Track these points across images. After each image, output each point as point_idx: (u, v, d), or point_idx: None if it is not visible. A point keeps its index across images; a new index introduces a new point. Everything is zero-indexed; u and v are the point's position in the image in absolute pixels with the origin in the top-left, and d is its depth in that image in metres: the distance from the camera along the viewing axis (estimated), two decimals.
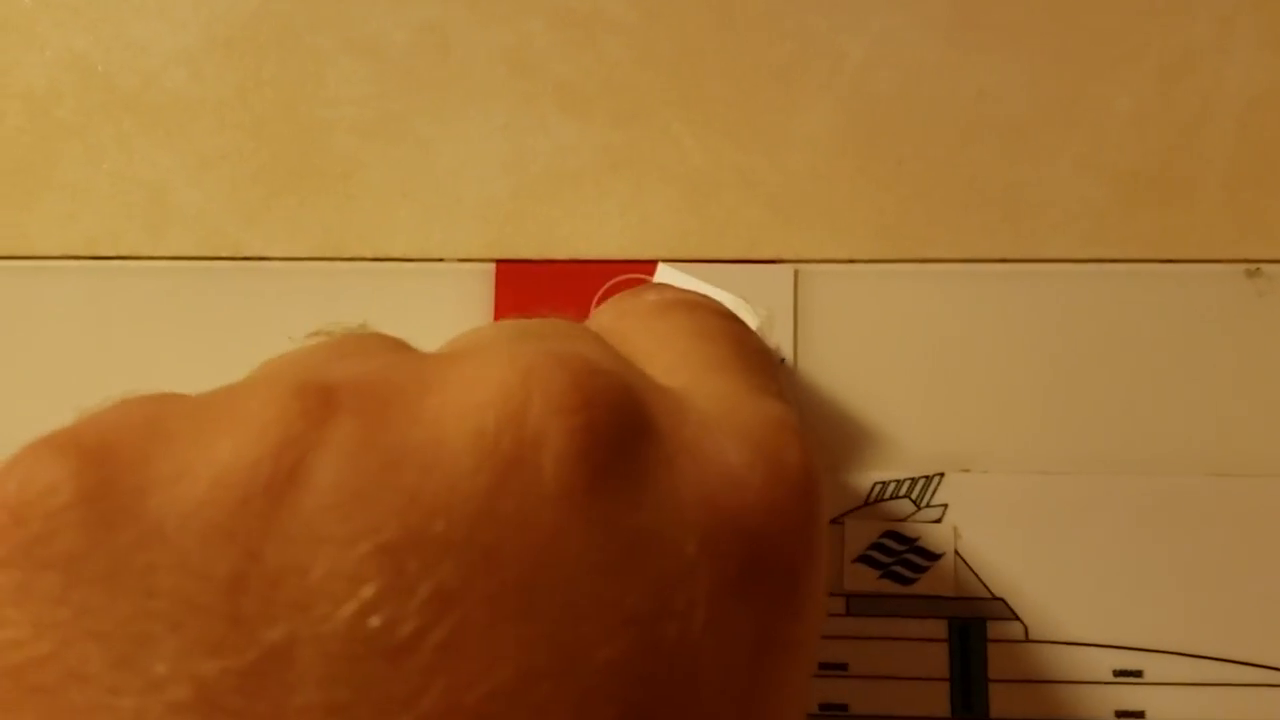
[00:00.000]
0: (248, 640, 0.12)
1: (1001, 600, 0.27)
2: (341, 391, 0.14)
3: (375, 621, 0.12)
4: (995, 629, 0.27)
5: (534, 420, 0.13)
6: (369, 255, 0.29)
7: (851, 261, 0.29)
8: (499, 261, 0.29)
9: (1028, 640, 0.27)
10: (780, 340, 0.28)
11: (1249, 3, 0.29)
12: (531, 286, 0.29)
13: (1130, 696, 0.26)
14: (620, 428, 0.14)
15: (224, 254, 0.30)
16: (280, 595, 0.12)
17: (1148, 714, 0.26)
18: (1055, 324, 0.28)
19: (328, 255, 0.29)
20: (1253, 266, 0.28)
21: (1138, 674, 0.26)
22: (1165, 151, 0.29)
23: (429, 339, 0.29)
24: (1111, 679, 0.26)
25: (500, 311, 0.29)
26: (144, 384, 0.29)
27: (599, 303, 0.29)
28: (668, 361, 0.17)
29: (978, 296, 0.28)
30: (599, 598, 0.13)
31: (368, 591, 0.12)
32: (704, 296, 0.21)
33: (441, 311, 0.29)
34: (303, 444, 0.13)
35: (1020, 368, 0.28)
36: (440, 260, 0.29)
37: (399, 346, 0.16)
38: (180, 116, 0.30)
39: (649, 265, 0.29)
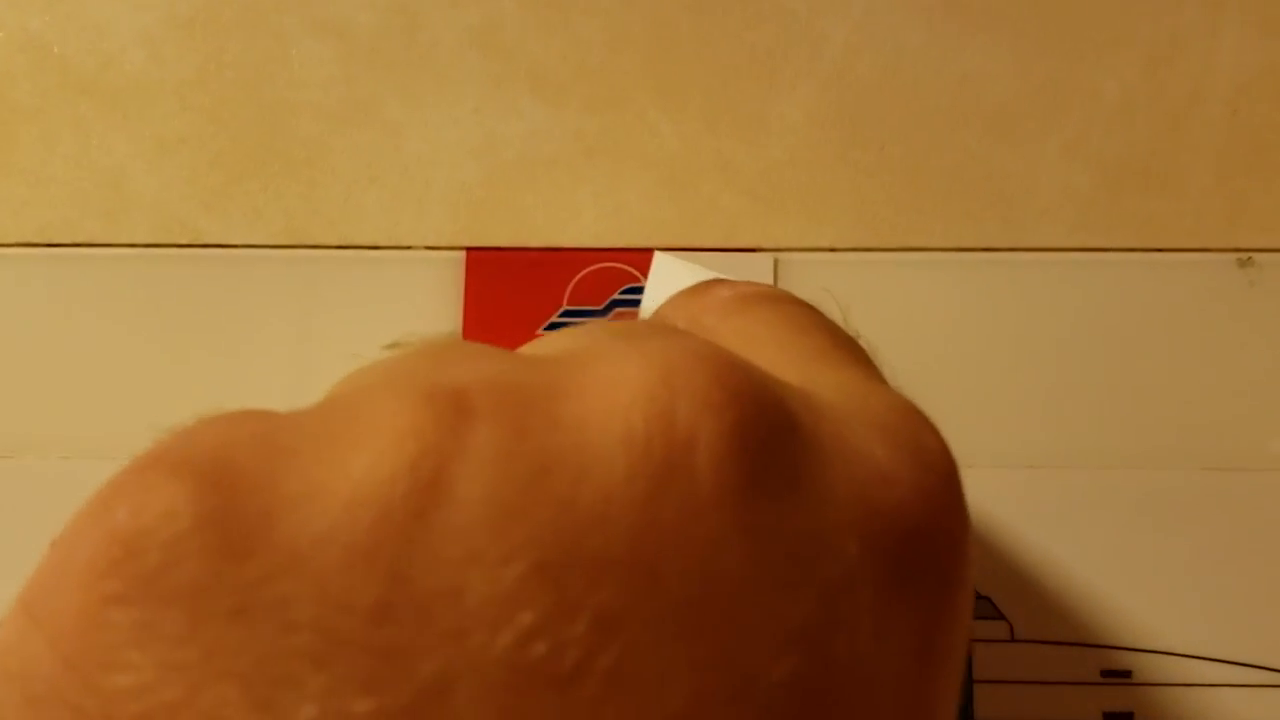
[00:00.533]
0: (401, 675, 0.11)
1: (987, 599, 0.26)
2: (474, 396, 0.13)
3: (538, 649, 0.11)
4: (980, 628, 0.26)
5: (683, 420, 0.12)
6: (334, 243, 0.28)
7: (833, 250, 0.28)
8: (469, 249, 0.28)
9: (1013, 640, 0.26)
10: None
11: None
12: (503, 275, 0.28)
13: (1118, 697, 0.25)
14: (771, 424, 0.13)
15: (183, 241, 0.29)
16: (433, 623, 0.11)
17: (1135, 715, 0.25)
18: (1042, 314, 0.27)
19: (291, 243, 0.28)
20: (1244, 255, 0.27)
21: (1126, 674, 0.26)
22: (1154, 138, 0.28)
23: (398, 329, 0.28)
24: (1099, 679, 0.25)
25: (471, 301, 0.28)
26: (101, 374, 0.28)
27: (573, 290, 0.28)
28: (770, 357, 0.15)
29: (962, 285, 0.28)
30: (766, 610, 0.12)
31: (527, 616, 0.11)
32: (778, 288, 0.20)
33: (410, 300, 0.28)
34: (442, 454, 0.12)
35: (1005, 359, 0.27)
36: (409, 248, 0.28)
37: (500, 352, 0.14)
38: (139, 100, 0.29)
39: (624, 253, 0.28)
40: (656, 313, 0.20)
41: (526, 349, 0.16)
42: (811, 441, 0.13)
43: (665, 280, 0.27)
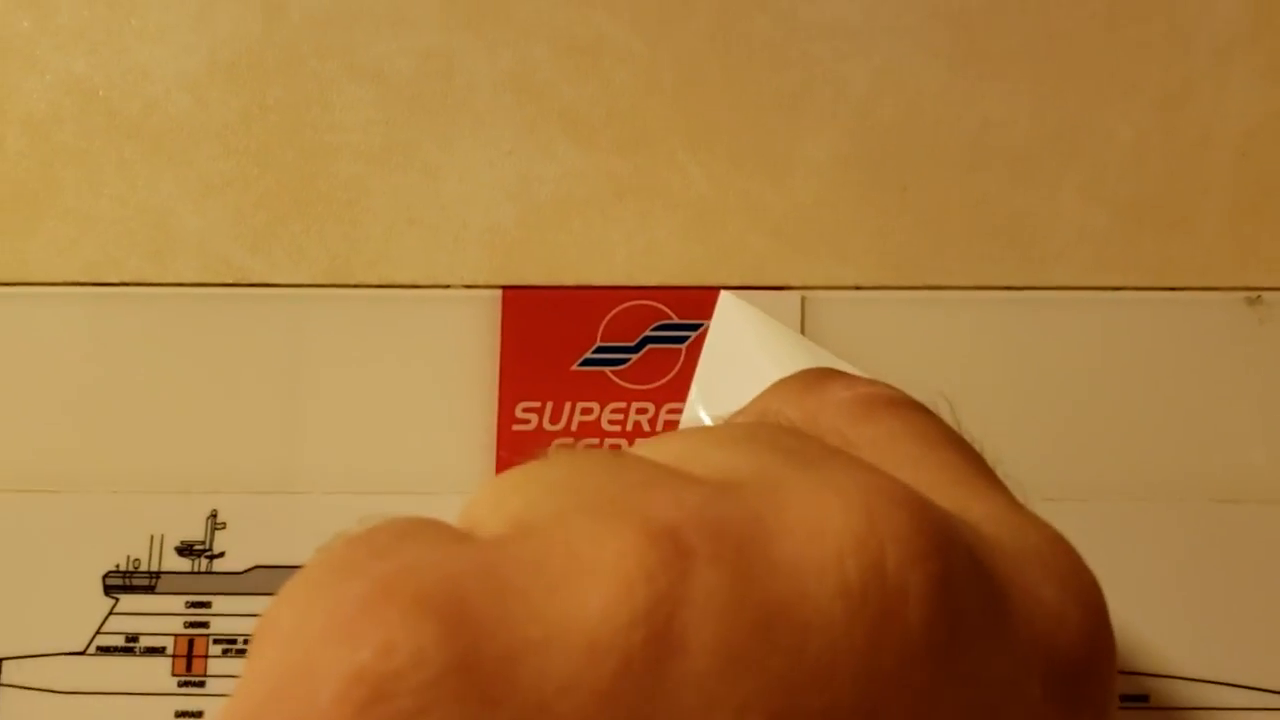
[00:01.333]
0: None
1: None
2: (690, 535, 0.13)
3: None
4: None
5: (893, 570, 0.13)
6: (375, 282, 0.29)
7: (857, 288, 0.29)
8: (505, 288, 0.29)
9: None
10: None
11: (1246, 35, 0.29)
12: (538, 312, 0.29)
13: None
14: (969, 571, 0.13)
15: (228, 280, 0.29)
16: None
17: None
18: (1059, 350, 0.28)
19: (333, 282, 0.29)
20: (1253, 294, 0.28)
21: (1143, 699, 0.27)
22: (1166, 180, 0.29)
23: (437, 365, 0.29)
24: (1118, 704, 0.26)
25: (507, 337, 0.29)
26: (147, 411, 0.29)
27: (606, 327, 0.29)
28: (915, 477, 0.15)
29: (983, 323, 0.29)
30: None
31: None
32: (893, 389, 0.19)
33: (449, 337, 0.29)
34: (672, 600, 0.12)
35: (1022, 394, 0.28)
36: (447, 287, 0.29)
37: (676, 473, 0.15)
38: (183, 142, 0.30)
39: (656, 291, 0.29)
40: (764, 399, 0.19)
41: (659, 443, 0.16)
42: (997, 585, 0.14)
43: (731, 322, 0.28)
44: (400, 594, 0.12)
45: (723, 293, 0.28)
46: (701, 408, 0.27)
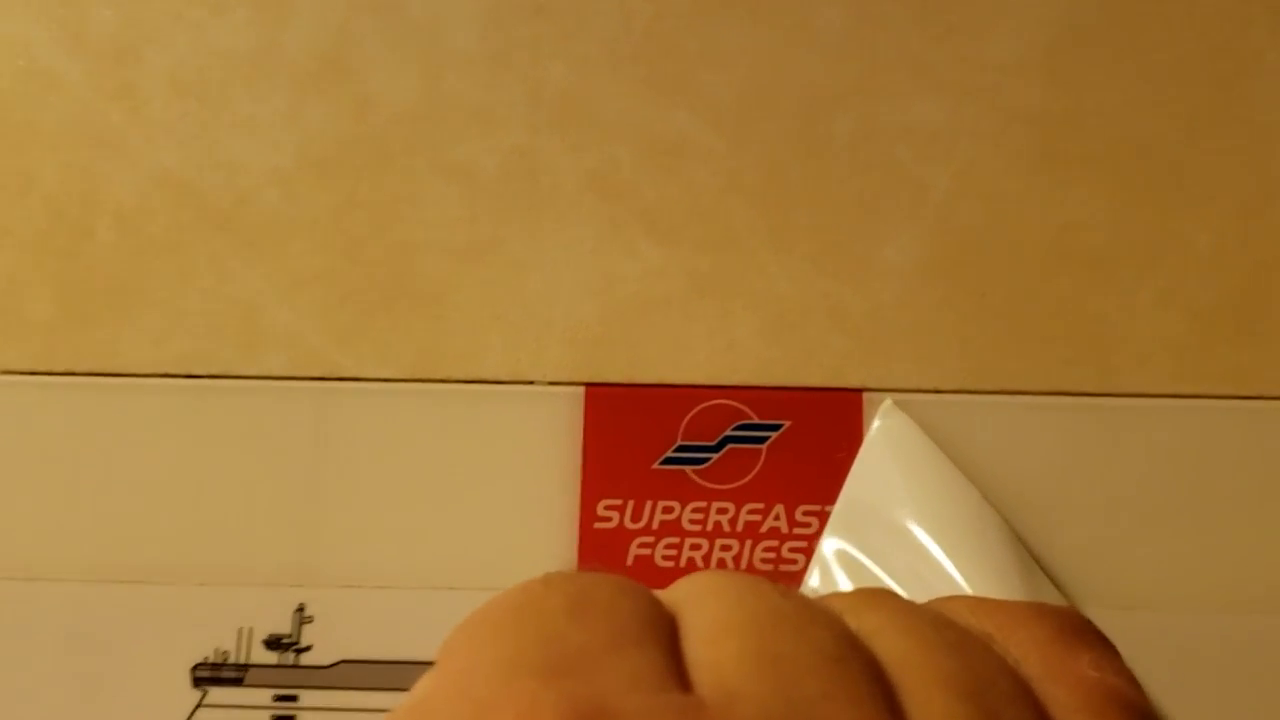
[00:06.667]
0: None
1: None
2: None
3: None
4: None
5: None
6: (460, 377, 0.30)
7: (937, 392, 0.29)
8: (588, 385, 0.30)
9: None
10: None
11: None
12: (620, 410, 0.30)
13: None
14: None
15: (316, 374, 0.30)
16: None
17: None
18: (1138, 458, 0.29)
19: (420, 376, 0.30)
20: None
21: None
22: (1245, 288, 0.29)
23: (521, 460, 0.29)
24: None
25: (590, 435, 0.29)
26: (238, 503, 0.29)
27: (687, 426, 0.29)
28: None
29: (1060, 429, 0.29)
30: None
31: None
32: (1138, 690, 0.18)
33: (533, 434, 0.29)
34: None
35: (1099, 501, 0.29)
36: (531, 383, 0.30)
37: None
38: (273, 236, 0.30)
39: (736, 391, 0.30)
40: (998, 613, 0.18)
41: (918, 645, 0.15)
42: None
43: (894, 438, 0.28)
44: None
45: (888, 402, 0.29)
46: (841, 536, 0.27)
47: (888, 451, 0.28)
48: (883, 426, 0.29)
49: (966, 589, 0.25)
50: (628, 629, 0.13)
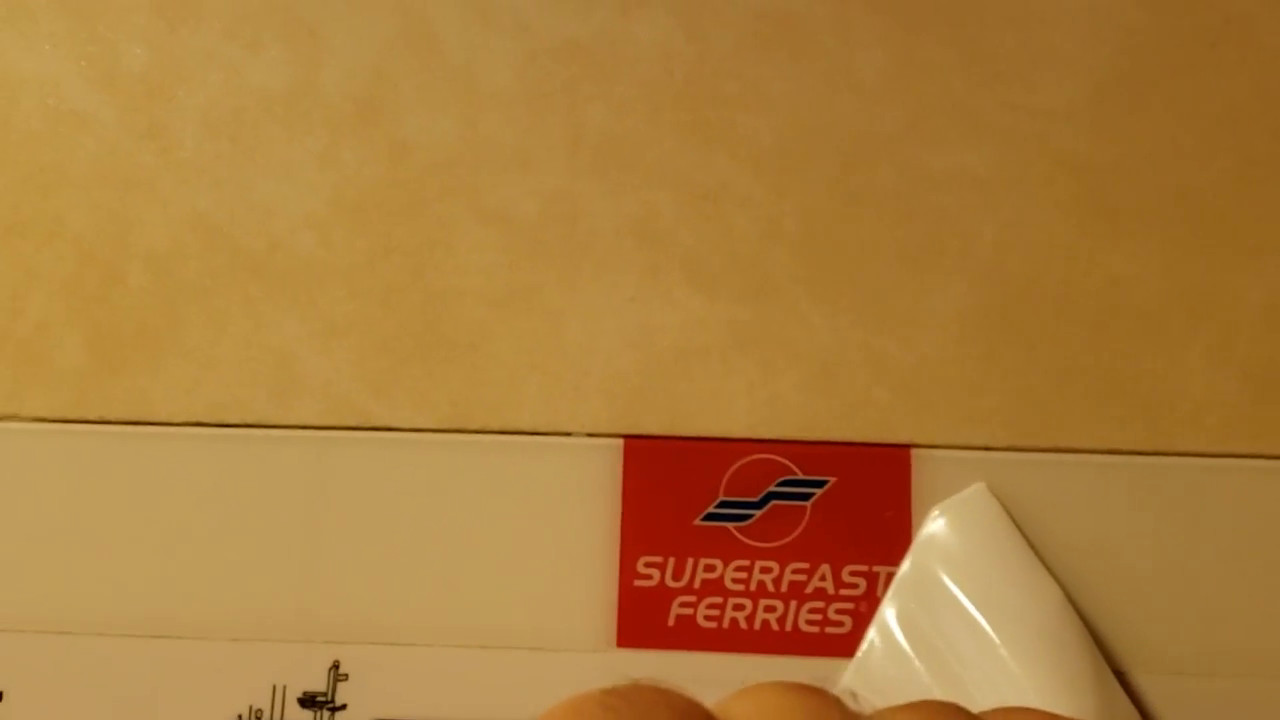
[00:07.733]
0: None
1: None
2: None
3: None
4: None
5: None
6: (496, 428, 0.29)
7: (986, 449, 0.29)
8: (627, 437, 0.29)
9: None
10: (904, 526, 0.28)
11: None
12: (660, 463, 0.29)
13: None
14: None
15: (351, 424, 0.29)
16: None
17: None
18: (1187, 518, 0.28)
19: (455, 427, 0.29)
20: None
21: None
22: None
23: (558, 514, 0.29)
24: None
25: (629, 488, 0.29)
26: (270, 552, 0.29)
27: (729, 481, 0.29)
28: None
29: (1108, 488, 0.28)
30: None
31: None
32: None
33: (570, 486, 0.29)
34: None
35: (1150, 563, 0.28)
36: (568, 435, 0.29)
37: None
38: (307, 282, 0.30)
39: (779, 445, 0.29)
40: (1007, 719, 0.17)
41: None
42: None
43: (978, 517, 0.28)
44: None
45: (979, 485, 0.28)
46: (907, 601, 0.27)
47: (969, 529, 0.28)
48: (967, 501, 0.28)
49: (1033, 697, 0.24)
50: None
